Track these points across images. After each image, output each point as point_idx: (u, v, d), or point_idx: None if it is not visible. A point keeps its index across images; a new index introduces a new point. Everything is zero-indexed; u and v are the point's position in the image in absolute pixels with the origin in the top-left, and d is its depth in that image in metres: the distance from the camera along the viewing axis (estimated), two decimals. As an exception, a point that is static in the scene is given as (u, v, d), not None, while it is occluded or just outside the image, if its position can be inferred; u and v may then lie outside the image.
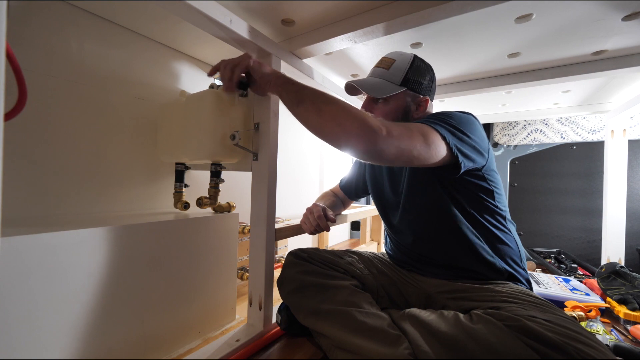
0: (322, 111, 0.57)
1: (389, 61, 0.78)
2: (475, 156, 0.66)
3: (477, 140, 0.66)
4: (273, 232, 0.78)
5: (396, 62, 0.77)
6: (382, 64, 0.79)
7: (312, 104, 0.58)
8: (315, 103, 0.58)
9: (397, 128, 0.56)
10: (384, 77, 0.76)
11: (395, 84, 0.75)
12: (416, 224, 0.79)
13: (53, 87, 0.74)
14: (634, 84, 1.22)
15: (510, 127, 2.15)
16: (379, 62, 0.80)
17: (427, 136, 0.58)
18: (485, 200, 0.73)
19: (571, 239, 1.94)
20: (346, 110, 0.55)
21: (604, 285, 1.06)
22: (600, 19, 0.76)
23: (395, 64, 0.77)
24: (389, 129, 0.54)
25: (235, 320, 0.90)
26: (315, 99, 0.59)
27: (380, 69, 0.78)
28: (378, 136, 0.53)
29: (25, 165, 0.70)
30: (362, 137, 0.53)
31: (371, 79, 0.78)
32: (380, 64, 0.80)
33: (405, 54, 0.79)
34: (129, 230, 0.65)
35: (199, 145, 0.78)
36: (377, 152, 0.54)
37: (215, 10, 0.64)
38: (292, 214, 1.55)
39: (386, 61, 0.79)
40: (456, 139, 0.62)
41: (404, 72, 0.75)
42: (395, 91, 0.74)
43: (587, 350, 0.45)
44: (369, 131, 0.53)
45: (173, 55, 1.01)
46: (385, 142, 0.53)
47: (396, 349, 0.52)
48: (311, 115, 0.58)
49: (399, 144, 0.55)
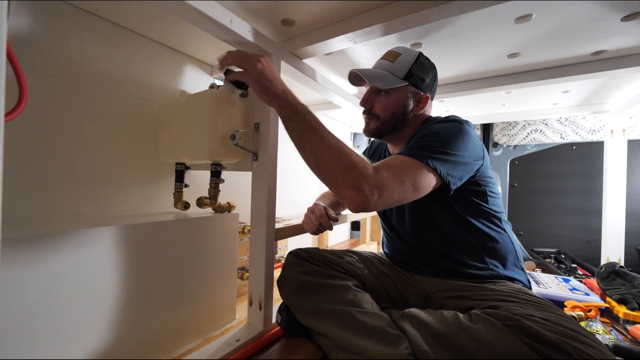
0: (321, 167, 0.60)
1: (395, 54, 0.78)
2: (467, 171, 0.68)
3: (469, 154, 0.67)
4: (273, 232, 0.78)
5: (402, 55, 0.77)
6: (388, 56, 0.79)
7: (313, 155, 0.61)
8: (316, 156, 0.60)
9: (388, 186, 0.58)
10: (388, 69, 0.76)
11: (399, 77, 0.75)
12: (412, 227, 0.80)
13: (53, 87, 0.74)
14: (634, 84, 1.22)
15: (510, 127, 2.15)
16: (385, 55, 0.80)
17: (417, 181, 0.60)
18: (479, 204, 0.74)
19: (571, 239, 1.94)
20: (344, 172, 0.57)
21: (604, 285, 1.06)
22: (600, 19, 0.76)
23: (401, 58, 0.77)
24: (381, 192, 0.57)
25: (235, 320, 0.91)
26: (315, 151, 0.60)
27: (386, 61, 0.78)
28: (369, 202, 0.56)
29: (26, 165, 0.70)
30: (356, 203, 0.57)
31: (375, 70, 0.78)
32: (386, 56, 0.79)
33: (411, 49, 0.79)
34: (129, 230, 0.65)
35: (199, 145, 0.78)
36: (367, 211, 0.60)
37: (215, 11, 0.64)
38: (292, 214, 1.55)
39: (392, 54, 0.78)
40: (448, 165, 0.63)
41: (409, 66, 0.75)
42: (398, 84, 0.74)
43: (585, 349, 0.45)
44: (361, 198, 0.56)
45: (173, 55, 1.01)
46: (376, 204, 0.57)
47: (396, 348, 0.52)
48: (311, 166, 0.62)
49: (389, 201, 0.58)
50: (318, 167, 0.61)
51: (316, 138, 0.60)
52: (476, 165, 0.69)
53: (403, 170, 0.60)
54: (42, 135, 0.72)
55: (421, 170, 0.61)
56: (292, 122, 0.62)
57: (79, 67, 0.78)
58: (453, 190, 0.66)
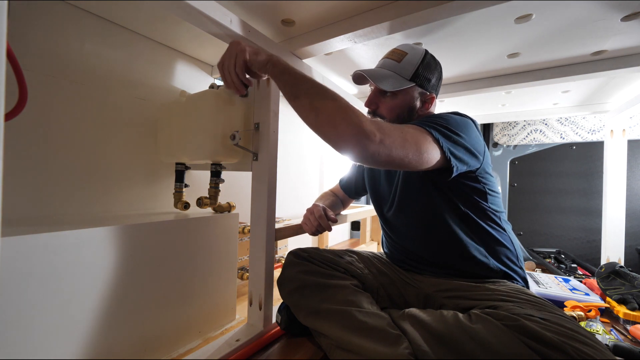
0: (318, 109, 0.56)
1: (401, 54, 0.76)
2: (469, 159, 0.66)
3: (471, 142, 0.66)
4: (273, 232, 0.78)
5: (408, 55, 0.75)
6: (394, 55, 0.77)
7: (308, 100, 0.57)
8: (310, 100, 0.57)
9: (391, 134, 0.55)
10: (394, 69, 0.75)
11: (405, 78, 0.74)
12: (410, 224, 0.80)
13: (53, 87, 0.74)
14: (634, 84, 1.22)
15: (510, 127, 2.15)
16: (390, 54, 0.79)
17: (420, 143, 0.58)
18: (479, 202, 0.73)
19: (571, 239, 1.94)
20: (342, 111, 0.54)
21: (604, 285, 1.06)
22: (600, 19, 0.76)
23: (407, 58, 0.75)
24: (382, 136, 0.54)
25: (235, 320, 0.91)
26: (311, 95, 0.57)
27: (391, 61, 0.76)
28: (371, 142, 0.53)
29: (26, 165, 0.70)
30: (356, 141, 0.53)
31: (381, 70, 0.76)
32: (392, 55, 0.78)
33: (417, 48, 0.78)
34: (129, 230, 0.65)
35: (199, 145, 0.78)
36: (368, 157, 0.54)
37: (216, 11, 0.64)
38: (292, 214, 1.55)
39: (398, 53, 0.77)
40: (450, 142, 0.62)
41: (415, 67, 0.74)
42: (405, 86, 0.73)
43: (585, 349, 0.45)
44: (362, 136, 0.52)
45: (173, 55, 1.01)
46: (378, 149, 0.53)
47: (396, 348, 0.52)
48: (307, 112, 0.58)
49: (391, 151, 0.55)
50: (314, 111, 0.56)
51: (310, 85, 0.59)
52: (477, 157, 0.68)
53: (406, 129, 0.58)
54: (41, 135, 0.72)
55: (425, 136, 0.59)
56: (286, 75, 0.61)
57: (79, 67, 0.78)
58: (453, 175, 0.64)
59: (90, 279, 0.59)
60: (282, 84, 0.62)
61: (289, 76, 0.61)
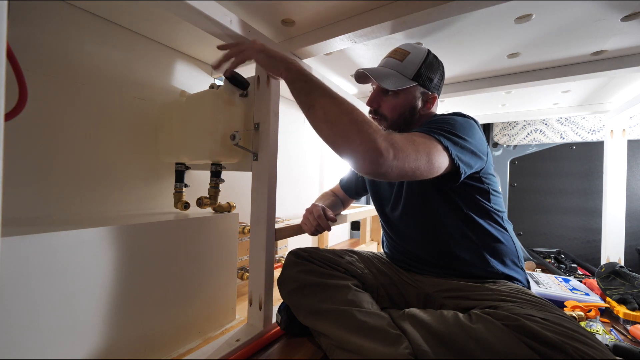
0: (332, 123, 0.55)
1: (404, 53, 0.76)
2: (474, 161, 0.66)
3: (476, 144, 0.66)
4: (273, 232, 0.78)
5: (410, 54, 0.75)
6: (396, 55, 0.77)
7: (322, 111, 0.56)
8: (325, 111, 0.56)
9: (404, 148, 0.54)
10: (396, 68, 0.75)
11: (408, 77, 0.74)
12: (411, 224, 0.79)
13: (53, 87, 0.74)
14: (634, 84, 1.22)
15: (510, 127, 2.15)
16: (393, 53, 0.79)
17: (431, 154, 0.57)
18: (482, 202, 0.73)
19: (571, 239, 1.94)
20: (357, 125, 0.52)
21: (604, 285, 1.06)
22: (600, 19, 0.76)
23: (409, 57, 0.75)
24: (396, 151, 0.52)
25: (235, 320, 0.91)
26: (325, 106, 0.56)
27: (394, 60, 0.76)
28: (385, 160, 0.51)
29: (25, 165, 0.70)
30: (370, 160, 0.52)
31: (383, 69, 0.76)
32: (394, 54, 0.78)
33: (419, 47, 0.77)
34: (129, 230, 0.65)
35: (199, 145, 0.78)
36: (381, 174, 0.53)
37: (216, 11, 0.64)
38: (292, 214, 1.55)
39: (400, 52, 0.77)
40: (458, 148, 0.62)
41: (418, 66, 0.74)
42: (407, 85, 0.73)
43: (585, 349, 0.45)
44: (376, 154, 0.51)
45: (173, 55, 1.01)
46: (391, 164, 0.52)
47: (396, 348, 0.52)
48: (320, 124, 0.57)
49: (404, 165, 0.54)
50: (328, 123, 0.55)
51: (325, 95, 0.57)
52: (481, 158, 0.68)
53: (417, 139, 0.57)
54: (41, 136, 0.72)
55: (435, 145, 0.59)
56: (301, 82, 0.60)
57: (79, 67, 0.78)
58: (460, 180, 0.63)
59: (90, 279, 0.59)
60: (296, 91, 0.61)
61: (304, 83, 0.60)
